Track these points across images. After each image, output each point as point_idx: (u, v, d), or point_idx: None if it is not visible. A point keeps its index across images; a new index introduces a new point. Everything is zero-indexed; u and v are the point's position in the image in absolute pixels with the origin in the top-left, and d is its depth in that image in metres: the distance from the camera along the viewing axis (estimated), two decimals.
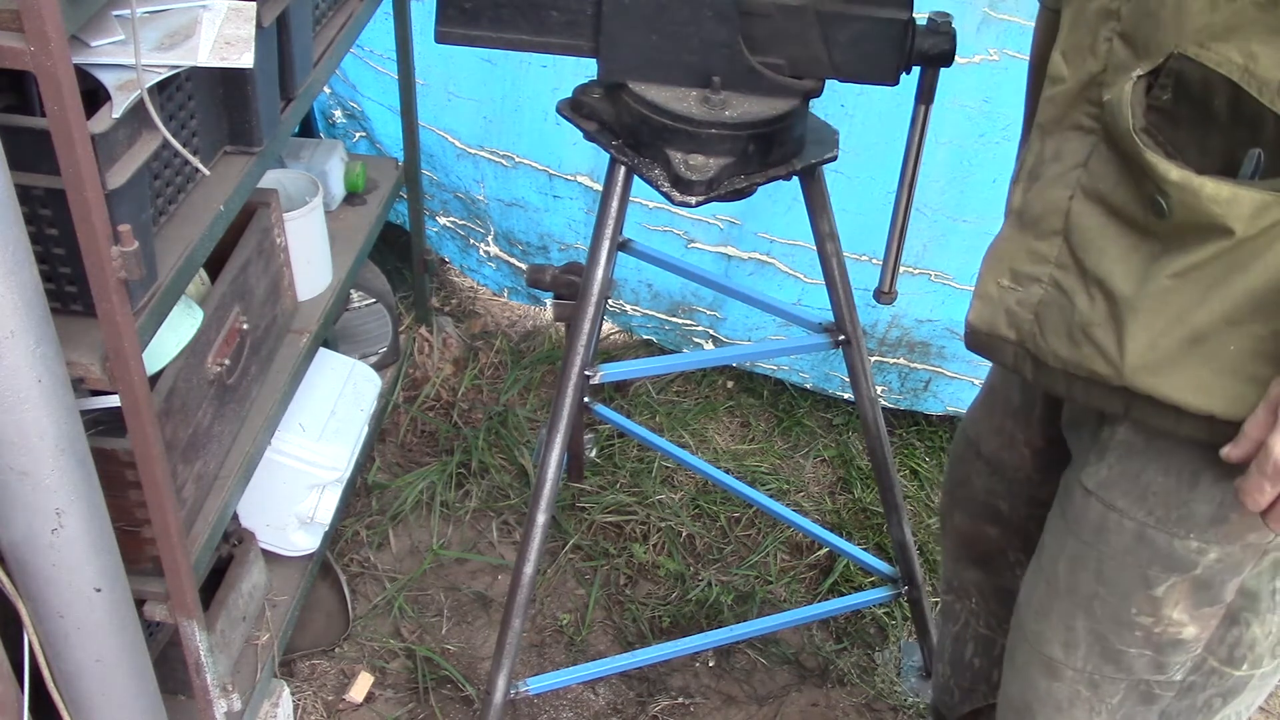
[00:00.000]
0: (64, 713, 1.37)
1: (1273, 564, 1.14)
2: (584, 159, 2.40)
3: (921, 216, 2.25)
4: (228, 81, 1.44)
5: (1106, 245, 1.05)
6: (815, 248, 1.62)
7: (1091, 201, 1.06)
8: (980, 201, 2.23)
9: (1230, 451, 1.02)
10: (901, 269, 1.68)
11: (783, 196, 2.29)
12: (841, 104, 2.12)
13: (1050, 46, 1.13)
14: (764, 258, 2.42)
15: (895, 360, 2.49)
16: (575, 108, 1.49)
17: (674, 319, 2.60)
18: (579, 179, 2.44)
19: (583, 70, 1.43)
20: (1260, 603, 1.16)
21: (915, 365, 2.49)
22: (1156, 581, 1.16)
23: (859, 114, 2.14)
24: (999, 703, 1.42)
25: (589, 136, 1.47)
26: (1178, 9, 0.96)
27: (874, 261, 2.31)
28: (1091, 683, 1.26)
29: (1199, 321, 1.00)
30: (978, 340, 1.18)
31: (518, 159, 2.46)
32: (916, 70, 1.41)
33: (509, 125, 2.42)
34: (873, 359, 2.48)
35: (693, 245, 2.44)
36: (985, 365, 2.42)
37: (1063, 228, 1.09)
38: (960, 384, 2.49)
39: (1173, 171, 0.97)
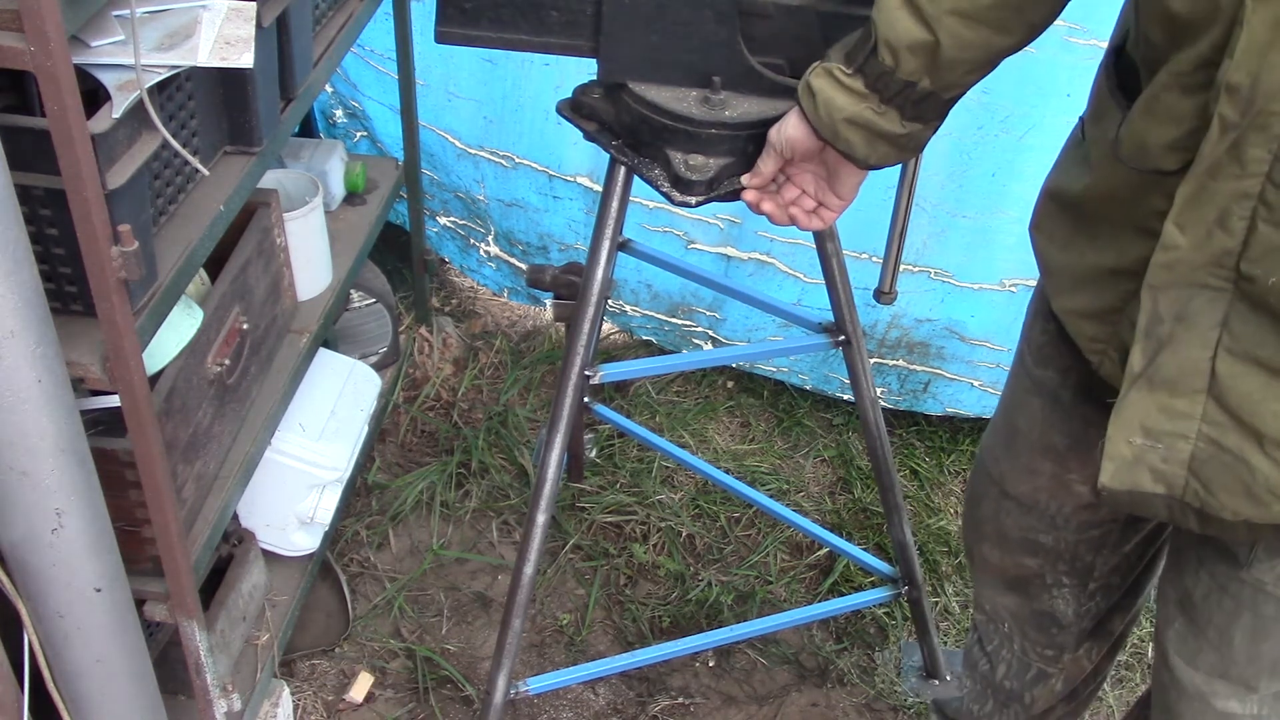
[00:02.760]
0: (64, 713, 1.37)
1: None
2: (584, 160, 2.40)
3: (921, 212, 2.24)
4: (228, 81, 1.44)
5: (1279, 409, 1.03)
6: (815, 247, 1.62)
7: (1244, 363, 1.03)
8: (979, 197, 2.22)
9: None
10: (901, 267, 1.68)
11: None
12: None
13: (1127, 191, 1.10)
14: (764, 257, 2.42)
15: (895, 362, 2.48)
16: (575, 108, 1.49)
17: (674, 319, 2.60)
18: (579, 179, 2.44)
19: (584, 70, 1.43)
20: None
21: (915, 367, 2.49)
22: None
23: None
24: None
25: (589, 136, 1.47)
26: None
27: (874, 259, 2.31)
28: None
29: None
30: (1118, 500, 1.14)
31: (518, 159, 2.46)
32: None
33: (509, 125, 2.42)
34: (872, 361, 2.48)
35: (693, 246, 2.44)
36: (984, 366, 2.44)
37: (1207, 387, 1.05)
38: (959, 385, 2.49)
39: None
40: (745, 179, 1.37)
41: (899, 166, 1.50)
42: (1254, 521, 1.08)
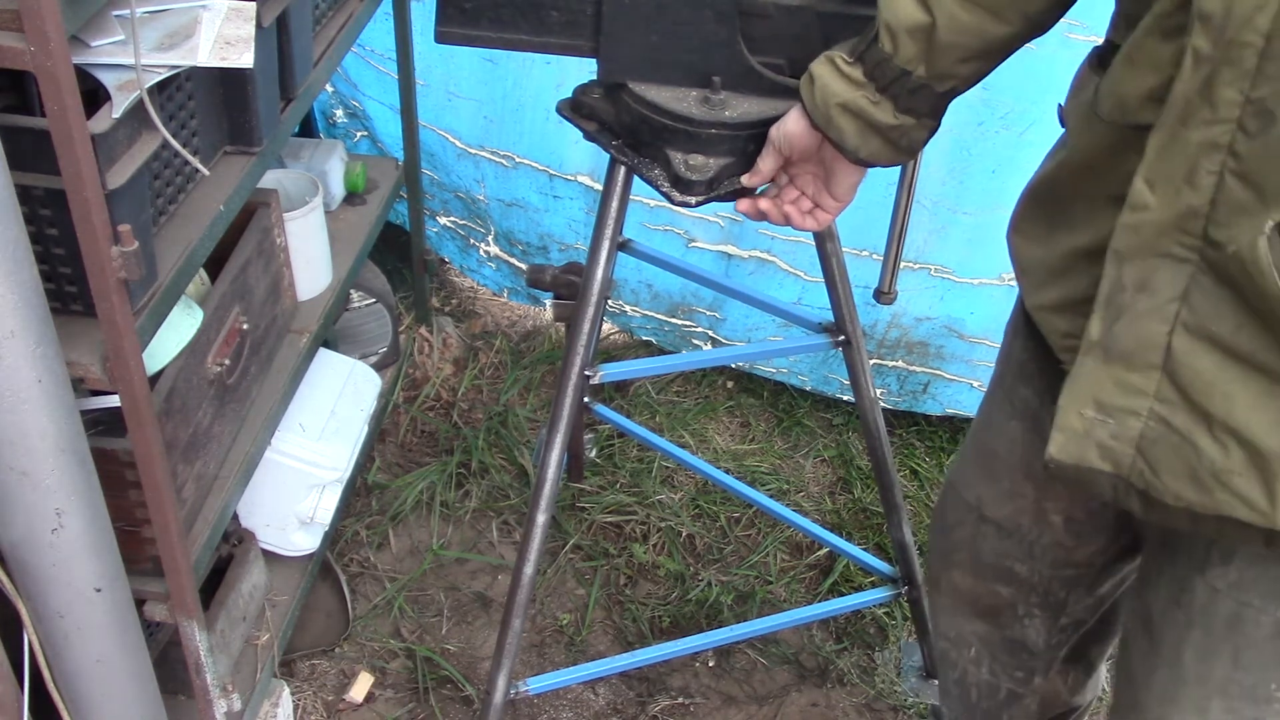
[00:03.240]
0: (64, 713, 1.37)
1: None
2: (585, 159, 2.40)
3: (921, 209, 2.24)
4: (228, 81, 1.44)
5: (1234, 391, 1.00)
6: (815, 246, 1.62)
7: (1201, 340, 1.00)
8: (979, 193, 2.22)
9: None
10: (901, 266, 1.68)
11: None
12: None
13: (1102, 156, 1.07)
14: (765, 255, 2.42)
15: (894, 363, 2.48)
16: (575, 108, 1.49)
17: (674, 320, 2.60)
18: (580, 179, 2.44)
19: (585, 69, 1.43)
20: None
21: (914, 368, 2.49)
22: None
23: None
24: None
25: (589, 136, 1.47)
26: None
27: (874, 257, 2.31)
28: None
29: None
30: (1064, 474, 1.12)
31: (518, 159, 2.46)
32: None
33: (510, 125, 2.42)
34: (872, 363, 2.48)
35: (693, 245, 2.44)
36: (983, 366, 2.44)
37: (1162, 363, 1.02)
38: (959, 386, 2.49)
39: None
40: (745, 178, 1.38)
41: (899, 166, 1.50)
42: (1196, 509, 1.05)
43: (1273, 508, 1.00)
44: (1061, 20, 1.21)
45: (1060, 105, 1.24)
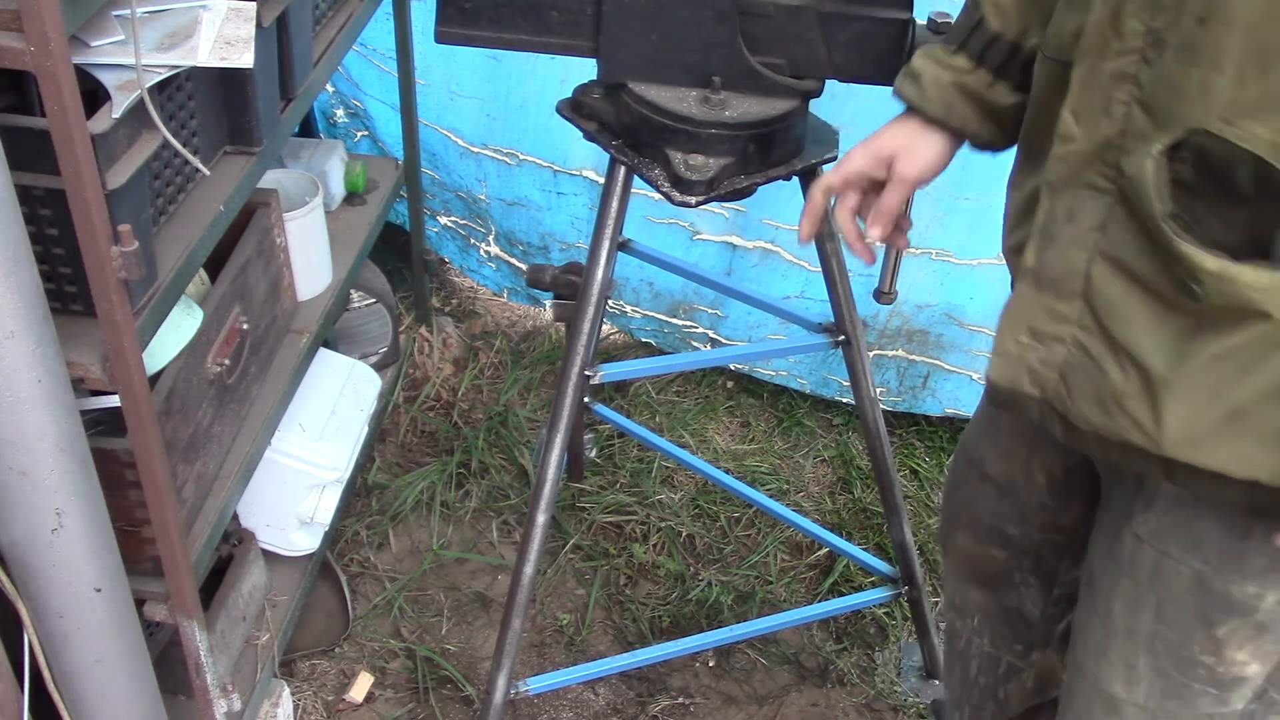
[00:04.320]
0: (64, 713, 1.37)
1: None
2: (589, 153, 2.40)
3: (922, 195, 2.24)
4: (228, 81, 1.44)
5: (1133, 315, 1.03)
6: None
7: (1112, 268, 1.04)
8: (981, 179, 2.22)
9: None
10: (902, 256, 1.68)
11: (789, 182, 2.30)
12: None
13: (1051, 94, 1.11)
14: (769, 246, 2.42)
15: (894, 353, 2.49)
16: (575, 108, 1.49)
17: (674, 320, 2.60)
18: (584, 173, 2.45)
19: (589, 65, 1.43)
20: None
21: (914, 357, 2.49)
22: (1218, 623, 1.16)
23: (863, 89, 2.15)
24: None
25: (589, 136, 1.47)
26: (1201, 85, 0.93)
27: (877, 245, 2.31)
28: (1154, 718, 1.26)
29: (1239, 398, 0.99)
30: (1000, 397, 1.16)
31: (522, 156, 2.46)
32: None
33: (513, 122, 2.42)
34: (872, 353, 2.49)
35: (698, 237, 2.45)
36: (982, 356, 2.44)
37: (1083, 290, 1.07)
38: (959, 379, 2.50)
39: (1208, 261, 0.95)
40: (832, 178, 1.34)
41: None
42: (1102, 434, 1.08)
43: (1159, 431, 1.03)
44: None
45: None
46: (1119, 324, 1.04)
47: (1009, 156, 1.32)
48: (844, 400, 2.58)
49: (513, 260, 2.65)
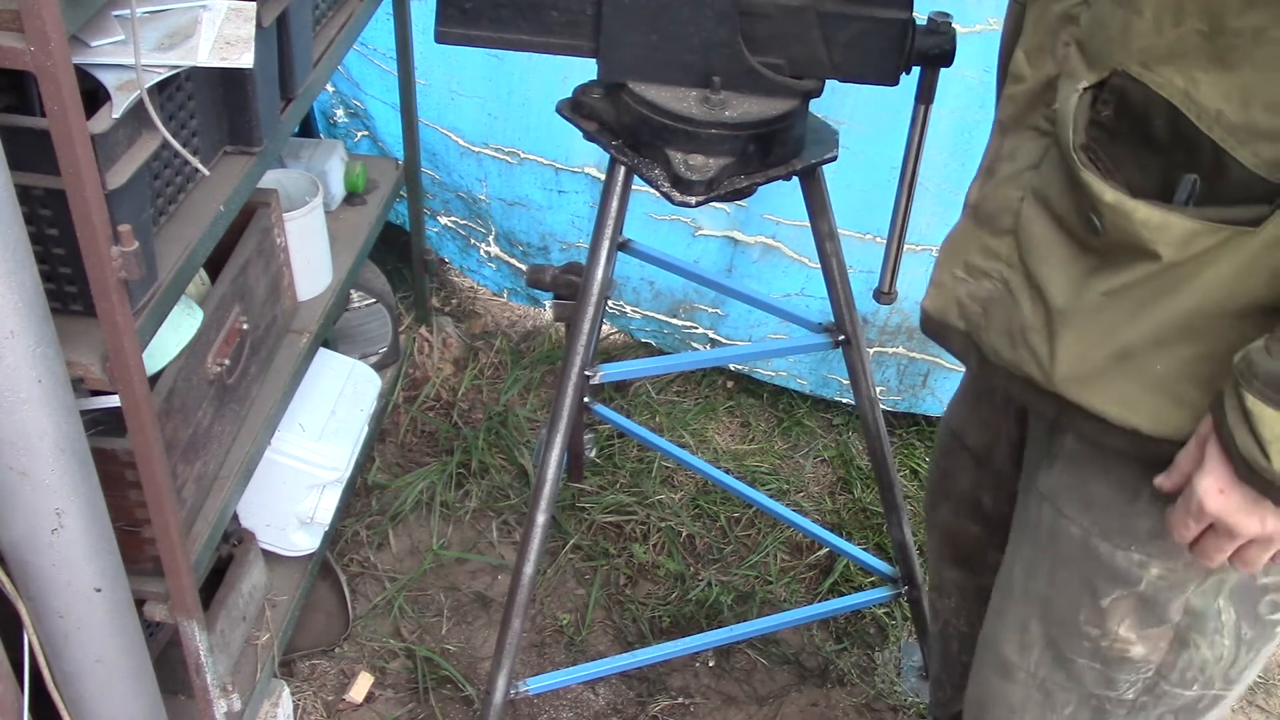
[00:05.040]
0: (64, 713, 1.37)
1: (1217, 584, 1.13)
2: (591, 149, 2.39)
3: (924, 192, 2.25)
4: (228, 81, 1.44)
5: (1049, 252, 1.06)
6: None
7: (1040, 205, 1.07)
8: None
9: (1163, 481, 1.04)
10: (904, 249, 1.68)
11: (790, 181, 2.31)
12: None
13: (1015, 41, 1.13)
14: (770, 241, 2.42)
15: (895, 350, 2.49)
16: (575, 108, 1.49)
17: (674, 320, 2.60)
18: (586, 170, 2.45)
19: (591, 63, 1.43)
20: (1207, 623, 1.15)
21: (914, 355, 2.49)
22: (1102, 593, 1.17)
23: (863, 89, 2.15)
24: (965, 698, 1.42)
25: (589, 136, 1.47)
26: (1124, 27, 0.95)
27: (878, 240, 2.32)
28: (1044, 689, 1.26)
29: (1127, 339, 1.01)
30: (930, 326, 1.20)
31: (523, 155, 2.46)
32: (916, 70, 1.41)
33: (515, 120, 2.43)
34: (873, 350, 2.49)
35: (700, 233, 2.45)
36: None
37: (1013, 227, 1.10)
38: (959, 377, 2.49)
39: (1107, 193, 0.98)
40: (1158, 480, 1.06)
41: (900, 162, 1.50)
42: (1008, 368, 1.10)
43: (1051, 364, 1.06)
44: None
45: None
46: (1035, 260, 1.07)
47: None
48: (844, 400, 2.58)
49: (513, 260, 2.65)
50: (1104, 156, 0.99)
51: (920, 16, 1.39)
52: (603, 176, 2.41)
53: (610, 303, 2.58)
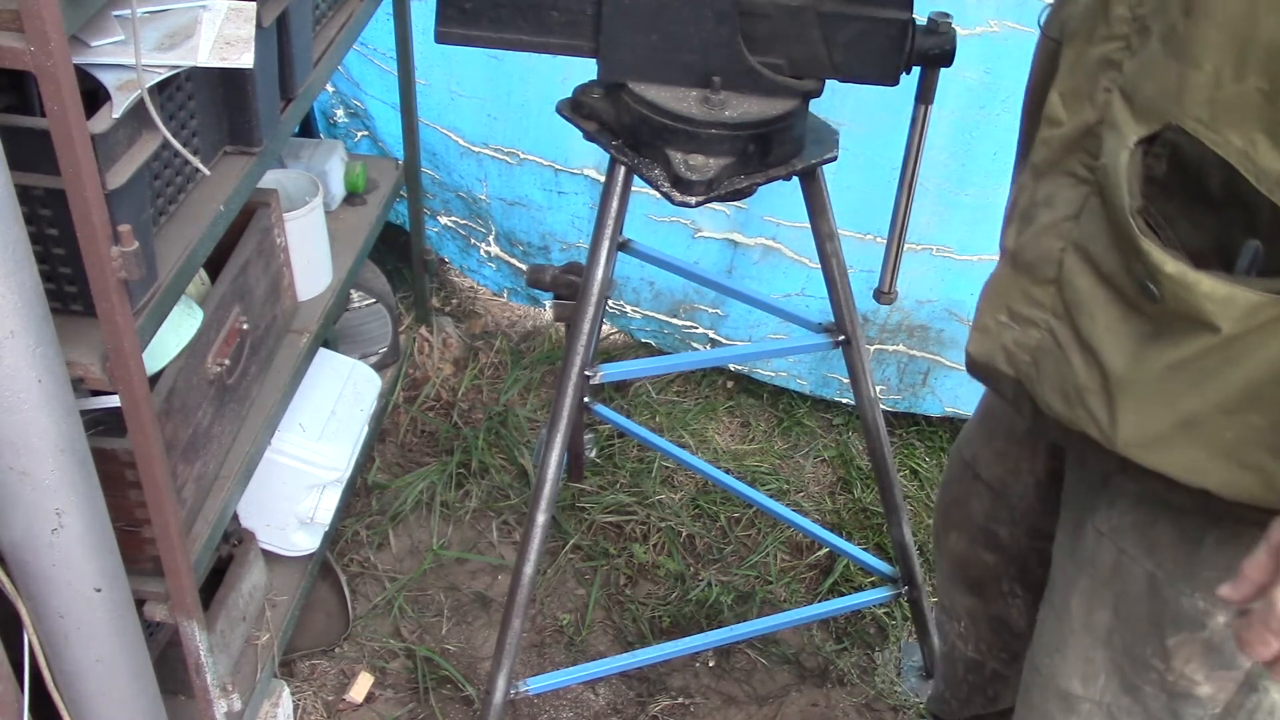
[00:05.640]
0: (64, 713, 1.37)
1: None
2: (591, 151, 2.40)
3: (924, 192, 2.25)
4: (228, 81, 1.44)
5: (1096, 311, 1.02)
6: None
7: (1082, 260, 1.03)
8: (982, 175, 2.23)
9: (1229, 593, 0.97)
10: (904, 250, 1.68)
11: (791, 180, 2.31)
12: None
13: (1048, 79, 1.08)
14: (770, 243, 2.42)
15: (895, 348, 2.49)
16: (575, 108, 1.49)
17: (674, 320, 2.60)
18: (585, 172, 2.45)
19: (591, 63, 1.43)
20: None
21: (915, 353, 2.49)
22: (1168, 633, 1.14)
23: (863, 89, 2.16)
24: None
25: (589, 136, 1.47)
26: (1180, 80, 0.90)
27: (878, 240, 2.32)
28: (1109, 715, 1.24)
29: (1193, 408, 0.97)
30: (979, 370, 1.16)
31: (523, 155, 2.46)
32: (916, 70, 1.42)
33: (515, 121, 2.43)
34: (873, 348, 2.49)
35: (700, 234, 2.45)
36: None
37: (1056, 278, 1.06)
38: (959, 376, 2.50)
39: (1168, 264, 0.93)
40: (1223, 591, 1.00)
41: (901, 162, 1.50)
42: (1064, 423, 1.07)
43: (1113, 429, 1.02)
44: None
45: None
46: (1084, 318, 1.04)
47: (1008, 152, 1.31)
48: (844, 400, 2.58)
49: (513, 260, 2.65)
50: (1154, 212, 0.95)
51: (920, 17, 1.39)
52: (602, 178, 2.41)
53: (610, 303, 2.58)
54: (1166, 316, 0.96)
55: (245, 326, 1.64)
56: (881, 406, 1.83)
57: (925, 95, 1.44)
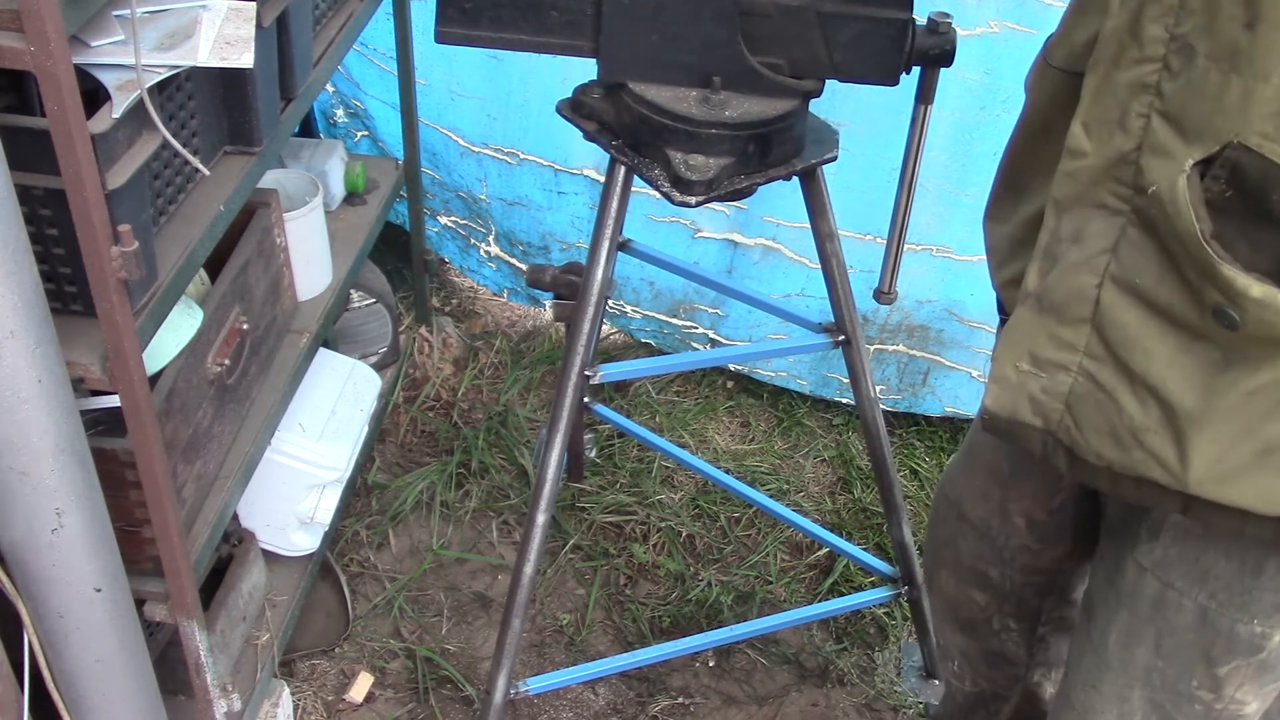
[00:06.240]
0: (64, 713, 1.37)
1: None
2: (591, 152, 2.40)
3: (924, 193, 2.26)
4: (228, 81, 1.44)
5: (1152, 346, 0.98)
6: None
7: (1125, 294, 0.99)
8: (981, 175, 2.23)
9: None
10: (904, 248, 1.68)
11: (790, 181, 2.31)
12: None
13: (1053, 109, 1.06)
14: (770, 243, 2.42)
15: (895, 348, 2.49)
16: (575, 108, 1.49)
17: (674, 320, 2.60)
18: (585, 172, 2.45)
19: (591, 64, 1.43)
20: None
21: (915, 353, 2.50)
22: (1219, 662, 1.13)
23: (863, 89, 2.16)
24: None
25: (589, 136, 1.47)
26: (1244, 95, 0.87)
27: (878, 240, 2.32)
28: None
29: (1273, 434, 0.95)
30: (998, 426, 1.10)
31: (523, 155, 2.46)
32: (916, 70, 1.41)
33: (514, 121, 2.43)
34: (873, 348, 2.49)
35: (700, 235, 2.45)
36: (982, 354, 2.44)
37: (1091, 316, 1.01)
38: (958, 376, 2.50)
39: (1254, 287, 0.89)
40: None
41: (901, 162, 1.50)
42: (1115, 469, 1.03)
43: (1184, 468, 0.98)
44: (1059, 5, 1.21)
45: (1027, 77, 1.22)
46: (1137, 355, 0.99)
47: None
48: (844, 400, 2.58)
49: (513, 260, 2.65)
50: (1221, 239, 0.92)
51: (920, 17, 1.39)
52: (602, 179, 2.42)
53: (610, 303, 2.58)
54: (1244, 342, 0.93)
55: (245, 326, 1.64)
56: (881, 406, 1.83)
57: (925, 95, 1.44)
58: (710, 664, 2.13)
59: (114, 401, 1.33)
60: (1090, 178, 0.99)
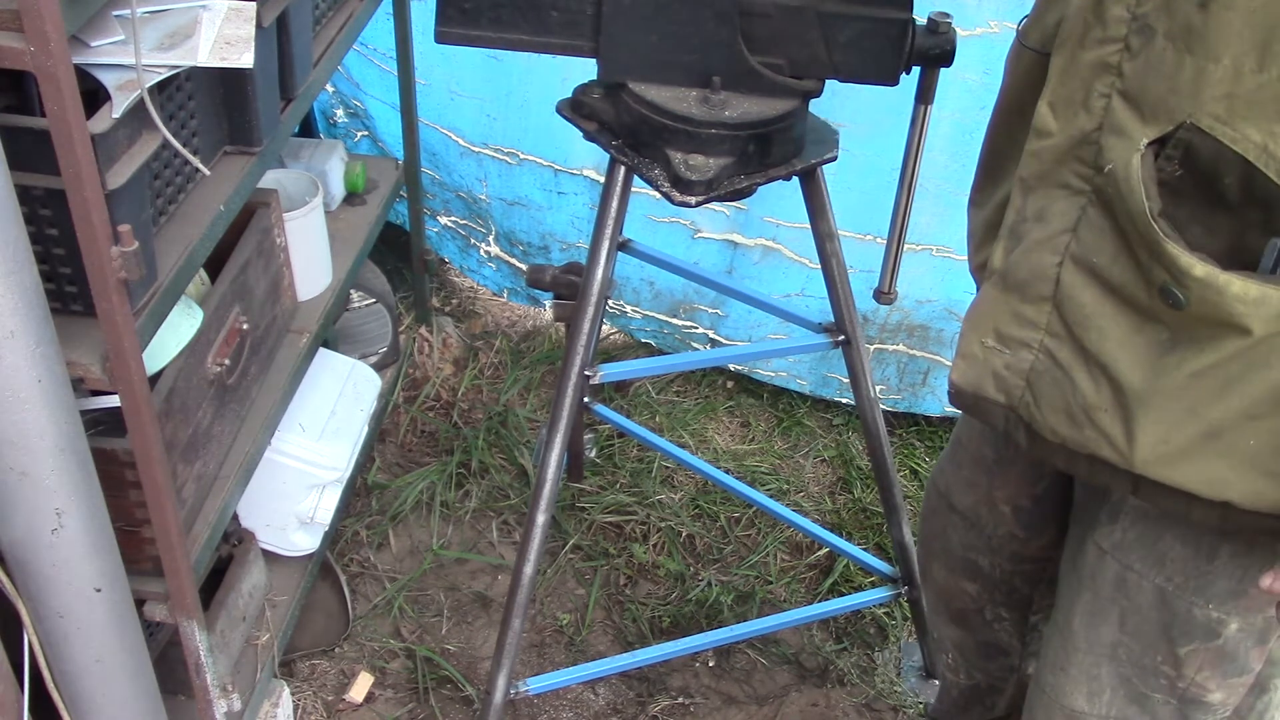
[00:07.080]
0: (64, 713, 1.37)
1: None
2: (590, 152, 2.41)
3: (924, 192, 2.26)
4: (228, 81, 1.44)
5: (1106, 325, 0.99)
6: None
7: (1084, 273, 1.00)
8: None
9: (1273, 583, 0.98)
10: (904, 248, 1.68)
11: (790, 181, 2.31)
12: None
13: (1027, 90, 1.06)
14: (770, 244, 2.42)
15: (895, 348, 2.49)
16: (575, 108, 1.49)
17: (674, 320, 2.61)
18: (585, 172, 2.45)
19: (591, 64, 1.43)
20: None
21: (915, 353, 2.50)
22: (1179, 643, 1.13)
23: (863, 89, 2.16)
24: None
25: (589, 136, 1.47)
26: (1196, 75, 0.88)
27: (878, 240, 2.32)
28: None
29: (1216, 417, 0.95)
30: (964, 401, 1.12)
31: (523, 155, 2.46)
32: (916, 70, 1.42)
33: (514, 122, 2.43)
34: (873, 348, 2.49)
35: (700, 235, 2.45)
36: None
37: (1052, 295, 1.02)
38: None
39: (1196, 266, 0.90)
40: (1266, 583, 1.05)
41: (901, 161, 1.50)
42: (1069, 446, 1.04)
43: (1130, 448, 0.99)
44: None
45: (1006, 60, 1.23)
46: (1091, 334, 1.00)
47: None
48: (844, 400, 2.58)
49: (513, 260, 2.65)
50: (1168, 217, 0.92)
51: (920, 17, 1.39)
52: (602, 179, 2.42)
53: (610, 303, 2.58)
54: (1189, 323, 0.93)
55: (245, 326, 1.64)
56: (881, 406, 1.83)
57: (925, 95, 1.44)
58: (710, 664, 2.13)
59: (114, 401, 1.33)
60: (1054, 157, 1.00)
